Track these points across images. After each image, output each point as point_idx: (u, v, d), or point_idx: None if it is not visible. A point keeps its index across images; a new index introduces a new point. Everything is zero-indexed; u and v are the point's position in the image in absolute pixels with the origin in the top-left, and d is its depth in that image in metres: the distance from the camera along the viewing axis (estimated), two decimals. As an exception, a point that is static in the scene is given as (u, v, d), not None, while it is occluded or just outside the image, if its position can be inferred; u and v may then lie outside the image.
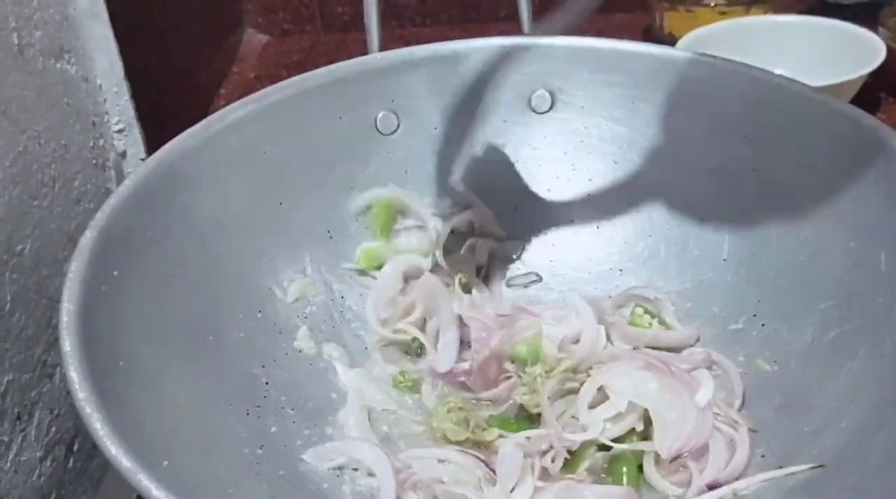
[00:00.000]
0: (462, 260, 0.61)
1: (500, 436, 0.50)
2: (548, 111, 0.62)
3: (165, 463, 0.38)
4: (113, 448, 0.35)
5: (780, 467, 0.46)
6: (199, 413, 0.46)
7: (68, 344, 0.39)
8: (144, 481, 0.34)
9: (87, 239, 0.45)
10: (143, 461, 0.35)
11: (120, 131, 0.70)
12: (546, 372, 0.52)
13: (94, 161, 0.66)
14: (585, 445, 0.49)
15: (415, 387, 0.55)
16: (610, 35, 0.61)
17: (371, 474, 0.48)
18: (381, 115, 0.60)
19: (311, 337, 0.56)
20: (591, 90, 0.60)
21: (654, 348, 0.55)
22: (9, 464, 0.53)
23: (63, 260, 0.60)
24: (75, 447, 0.61)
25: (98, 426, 0.36)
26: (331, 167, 0.59)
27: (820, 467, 0.44)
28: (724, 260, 0.57)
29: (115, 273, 0.45)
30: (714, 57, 0.58)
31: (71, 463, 0.60)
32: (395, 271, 0.59)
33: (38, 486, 0.56)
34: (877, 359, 0.46)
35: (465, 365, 0.53)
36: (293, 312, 0.56)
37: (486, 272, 0.61)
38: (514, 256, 0.62)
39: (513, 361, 0.54)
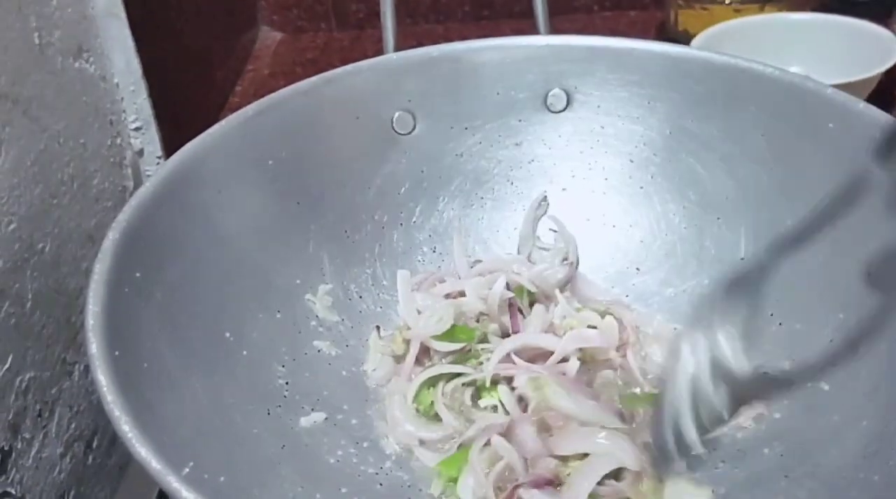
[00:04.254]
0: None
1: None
2: (563, 110, 0.62)
3: (191, 464, 0.38)
4: (143, 450, 0.36)
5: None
6: (221, 414, 0.46)
7: (95, 346, 0.40)
8: (174, 482, 0.35)
9: (110, 241, 0.45)
10: (171, 463, 0.36)
11: (137, 129, 0.70)
12: None
13: (111, 159, 0.66)
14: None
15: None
16: (624, 32, 0.61)
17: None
18: (397, 115, 0.60)
19: (329, 337, 0.56)
20: (606, 89, 0.60)
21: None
22: (30, 461, 0.54)
23: (82, 258, 0.60)
24: (94, 444, 0.61)
25: (127, 429, 0.36)
26: (348, 167, 0.60)
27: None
28: (742, 259, 0.57)
29: (138, 275, 0.46)
30: (729, 55, 0.58)
31: (90, 460, 0.60)
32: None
33: (59, 482, 0.56)
34: (897, 358, 0.46)
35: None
36: (312, 311, 0.56)
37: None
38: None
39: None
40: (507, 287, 0.58)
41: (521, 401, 0.51)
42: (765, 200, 0.56)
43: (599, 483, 0.47)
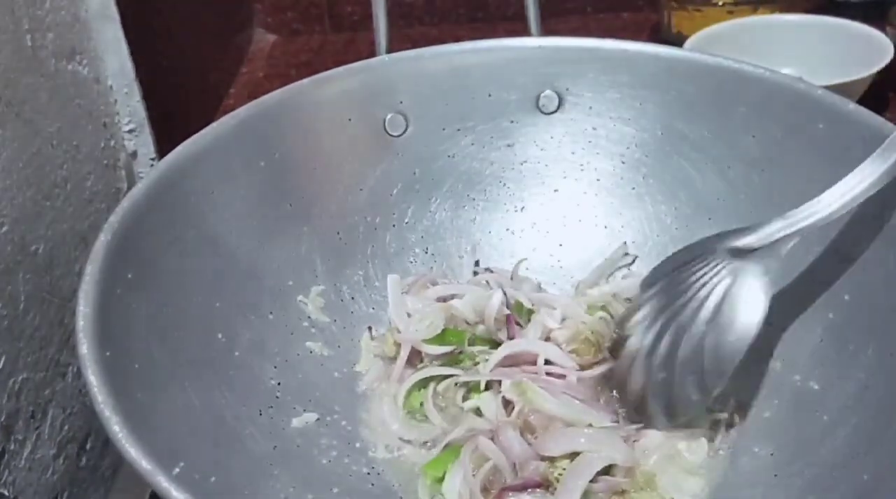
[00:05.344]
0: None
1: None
2: (555, 112, 0.62)
3: (182, 464, 0.38)
4: (132, 451, 0.36)
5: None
6: (212, 414, 0.46)
7: (85, 347, 0.40)
8: (164, 482, 0.35)
9: (101, 242, 0.45)
10: (161, 463, 0.36)
11: (131, 132, 0.70)
12: None
13: (105, 162, 0.66)
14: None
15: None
16: (617, 34, 0.61)
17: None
18: (389, 116, 0.60)
19: (321, 338, 0.56)
20: (598, 91, 0.60)
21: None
22: (23, 462, 0.54)
23: (75, 260, 0.60)
24: (87, 446, 0.61)
25: (117, 429, 0.36)
26: (340, 169, 0.60)
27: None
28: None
29: (129, 276, 0.46)
30: (721, 57, 0.58)
31: (83, 461, 0.61)
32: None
33: (52, 483, 0.57)
34: (886, 358, 0.46)
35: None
36: (304, 313, 0.56)
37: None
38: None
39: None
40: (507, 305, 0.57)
41: (508, 405, 0.51)
42: (756, 200, 0.56)
43: (592, 480, 0.47)
